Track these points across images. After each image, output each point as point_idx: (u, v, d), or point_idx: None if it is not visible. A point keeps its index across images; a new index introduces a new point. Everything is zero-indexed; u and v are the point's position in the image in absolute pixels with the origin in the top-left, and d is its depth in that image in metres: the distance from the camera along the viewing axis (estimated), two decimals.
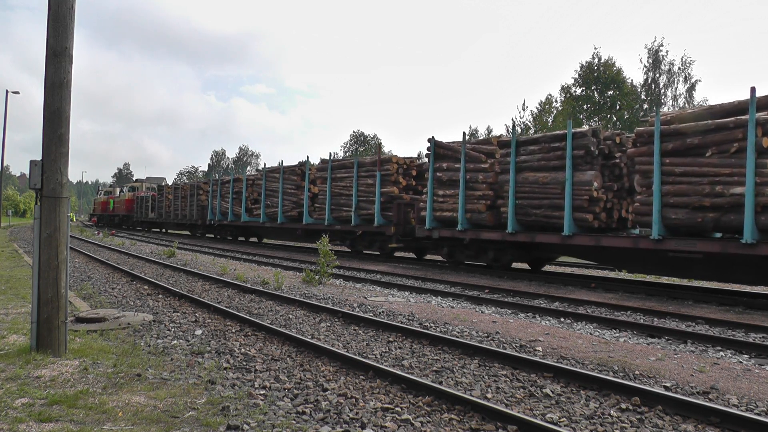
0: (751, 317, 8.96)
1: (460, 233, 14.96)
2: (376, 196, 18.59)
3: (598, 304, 10.00)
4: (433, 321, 8.27)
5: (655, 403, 4.61)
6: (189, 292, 10.64)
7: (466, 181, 15.00)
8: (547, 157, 13.38)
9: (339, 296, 10.59)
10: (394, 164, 18.62)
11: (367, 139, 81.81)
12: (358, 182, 19.58)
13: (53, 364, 5.40)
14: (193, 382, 5.06)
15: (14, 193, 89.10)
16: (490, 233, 14.44)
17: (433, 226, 15.81)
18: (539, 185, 13.40)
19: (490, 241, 14.66)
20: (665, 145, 10.93)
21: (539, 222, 13.52)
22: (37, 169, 5.72)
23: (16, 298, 9.38)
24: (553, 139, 13.46)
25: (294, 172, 23.60)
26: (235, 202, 28.29)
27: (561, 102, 47.52)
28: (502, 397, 4.87)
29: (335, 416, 4.32)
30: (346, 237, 20.78)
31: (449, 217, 15.43)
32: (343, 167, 20.64)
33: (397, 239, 17.88)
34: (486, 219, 14.64)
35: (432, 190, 15.97)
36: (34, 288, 5.69)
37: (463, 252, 15.72)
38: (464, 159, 15.03)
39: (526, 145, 13.94)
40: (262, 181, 25.51)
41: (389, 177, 18.62)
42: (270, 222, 25.02)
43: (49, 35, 5.74)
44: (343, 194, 20.29)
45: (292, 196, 23.50)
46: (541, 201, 13.39)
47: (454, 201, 15.31)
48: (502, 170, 14.36)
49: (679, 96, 45.45)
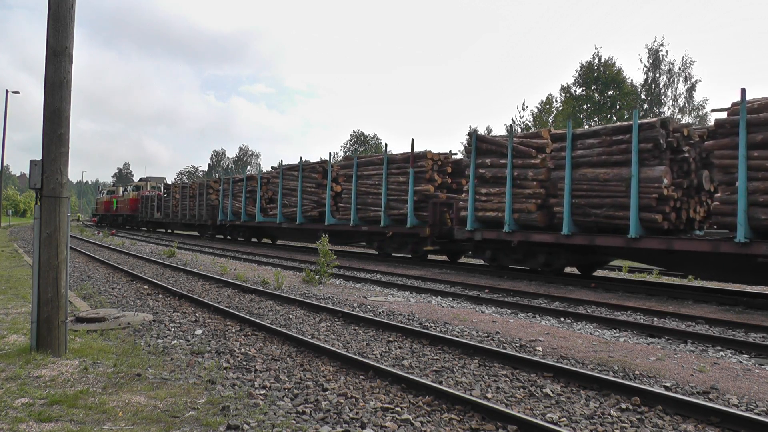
0: (751, 317, 8.96)
1: (507, 235, 13.78)
2: (409, 195, 17.26)
3: (598, 304, 9.99)
4: (433, 321, 8.27)
5: (655, 403, 4.61)
6: (189, 292, 10.64)
7: (513, 179, 13.82)
8: (608, 151, 12.16)
9: (339, 296, 10.59)
10: (428, 160, 17.30)
11: (367, 139, 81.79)
12: (387, 180, 18.24)
13: (53, 363, 5.40)
14: (193, 382, 5.06)
15: (14, 193, 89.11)
16: (541, 235, 13.19)
17: (476, 227, 14.66)
18: (599, 182, 12.18)
19: (541, 244, 13.45)
20: (753, 137, 9.77)
21: (599, 223, 12.40)
22: (37, 169, 5.72)
23: (16, 297, 9.38)
24: (615, 131, 12.22)
25: (315, 170, 22.26)
26: (249, 201, 26.97)
27: (561, 102, 47.51)
28: (502, 397, 4.87)
29: (335, 416, 4.32)
30: (373, 239, 19.64)
31: (493, 218, 14.30)
32: (371, 164, 19.33)
33: (432, 241, 16.73)
34: (536, 220, 13.43)
35: (474, 189, 14.78)
36: (34, 288, 5.69)
37: (509, 256, 14.54)
38: (511, 154, 13.84)
39: (583, 138, 12.75)
40: (279, 180, 24.13)
41: (423, 174, 17.30)
42: (288, 223, 23.67)
43: (49, 35, 5.74)
44: (371, 193, 19.02)
45: (312, 195, 22.19)
46: (601, 200, 12.19)
47: (500, 200, 14.15)
48: (556, 166, 13.19)
49: (679, 96, 45.47)
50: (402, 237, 18.23)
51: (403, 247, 18.44)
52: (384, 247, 19.24)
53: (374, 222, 18.92)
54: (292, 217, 23.23)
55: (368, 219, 19.16)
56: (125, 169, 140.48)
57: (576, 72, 46.07)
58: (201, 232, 34.50)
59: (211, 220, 30.96)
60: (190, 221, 34.10)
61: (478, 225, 14.73)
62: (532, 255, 14.04)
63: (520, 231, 13.76)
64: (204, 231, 33.79)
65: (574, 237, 12.57)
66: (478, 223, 14.73)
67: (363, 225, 19.27)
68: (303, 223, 22.50)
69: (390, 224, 18.18)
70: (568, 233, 12.58)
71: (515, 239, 13.72)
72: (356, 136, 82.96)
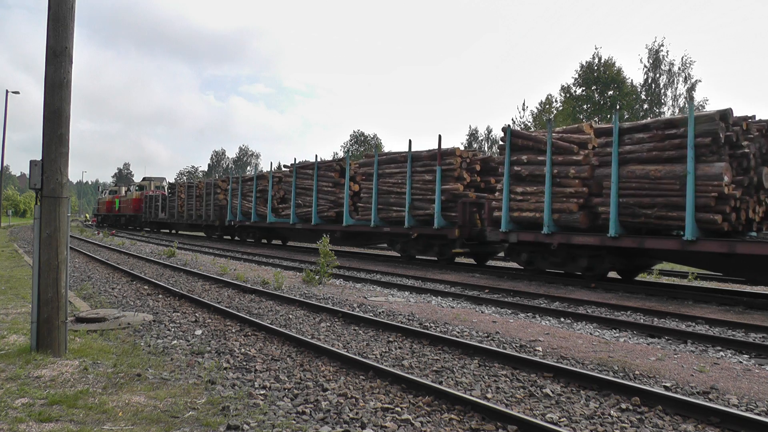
0: (751, 317, 8.96)
1: (546, 237, 12.82)
2: (436, 194, 16.22)
3: (598, 304, 9.99)
4: (433, 321, 8.27)
5: (655, 403, 4.61)
6: (189, 292, 10.64)
7: (552, 176, 12.83)
8: (660, 147, 11.22)
9: (339, 296, 10.59)
10: (457, 157, 16.26)
11: (367, 139, 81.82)
12: (412, 178, 17.19)
13: (53, 364, 5.40)
14: (193, 382, 5.06)
15: (14, 193, 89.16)
16: (584, 237, 12.24)
17: (510, 228, 13.73)
18: (649, 180, 11.24)
19: (583, 246, 12.52)
20: None
21: (648, 224, 11.48)
22: (37, 169, 5.73)
23: (16, 298, 9.38)
24: (668, 124, 11.26)
25: (331, 168, 21.21)
26: (260, 201, 25.89)
27: (561, 102, 47.54)
28: (502, 397, 4.87)
29: (335, 416, 4.32)
30: (395, 240, 18.48)
31: (530, 218, 13.38)
32: (393, 161, 18.19)
33: (461, 243, 15.83)
34: (578, 220, 12.50)
35: (508, 187, 13.82)
36: (34, 288, 5.69)
37: (547, 259, 13.57)
38: (550, 150, 12.85)
39: (631, 132, 11.81)
40: (292, 179, 22.99)
41: (452, 172, 16.26)
42: (302, 223, 22.50)
43: (49, 35, 5.74)
44: (393, 192, 17.97)
45: (328, 195, 21.10)
46: (652, 199, 11.23)
47: (537, 199, 13.22)
48: (601, 163, 12.24)
49: (679, 96, 45.49)
50: (428, 239, 17.20)
51: (428, 249, 17.37)
52: (407, 249, 18.14)
53: (397, 223, 17.93)
54: (307, 218, 22.18)
55: (390, 220, 18.20)
56: (125, 169, 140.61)
57: (576, 72, 46.12)
58: (208, 233, 33.50)
59: (219, 221, 30.11)
60: (197, 222, 33.20)
61: (513, 226, 13.82)
62: (572, 258, 13.09)
63: (560, 233, 12.80)
64: (211, 232, 32.84)
65: (621, 239, 11.61)
66: (513, 224, 13.82)
67: (385, 226, 18.28)
68: (319, 224, 21.39)
69: (415, 225, 17.17)
70: (615, 235, 11.62)
71: (555, 241, 12.75)
72: (356, 136, 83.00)
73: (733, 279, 14.29)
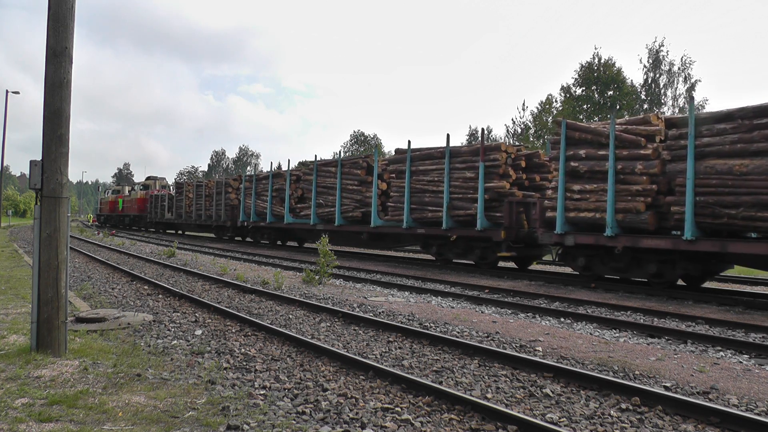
0: (751, 317, 8.96)
1: (609, 240, 11.62)
2: (479, 193, 14.93)
3: (598, 304, 9.99)
4: (433, 321, 8.27)
5: (655, 403, 4.61)
6: (189, 292, 10.64)
7: (616, 172, 11.68)
8: (746, 138, 9.96)
9: (339, 296, 10.60)
10: (502, 153, 15.09)
11: (367, 139, 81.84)
12: (450, 176, 15.89)
13: (53, 364, 5.40)
14: (193, 382, 5.06)
15: (14, 193, 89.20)
16: (654, 240, 11.06)
17: (566, 230, 12.57)
18: (734, 176, 10.02)
19: (652, 250, 11.35)
20: None
21: (732, 225, 10.25)
22: (37, 169, 5.73)
23: (16, 298, 9.38)
24: (757, 112, 9.87)
25: (357, 165, 19.82)
26: (275, 200, 24.69)
27: (561, 102, 47.54)
28: (502, 397, 4.87)
29: (335, 416, 4.32)
30: (430, 243, 17.13)
31: (589, 219, 12.22)
32: (429, 158, 16.82)
33: (507, 246, 14.59)
34: (646, 221, 11.27)
35: (564, 185, 12.63)
36: (34, 288, 5.69)
37: (608, 264, 12.39)
38: (614, 143, 11.70)
39: (710, 122, 10.52)
40: (313, 177, 21.64)
41: (496, 169, 15.03)
42: (324, 224, 21.09)
43: (49, 35, 5.74)
44: (428, 191, 16.67)
45: (354, 194, 19.75)
46: (737, 197, 9.97)
47: (598, 198, 12.05)
48: (674, 157, 10.95)
49: (679, 96, 45.50)
50: (468, 241, 15.84)
51: (468, 252, 16.03)
52: (444, 252, 16.81)
53: (433, 224, 16.60)
54: (329, 218, 20.83)
55: (425, 220, 16.88)
56: (125, 169, 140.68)
57: (576, 72, 46.12)
58: (218, 234, 32.15)
59: (231, 221, 28.80)
60: (206, 222, 31.91)
61: (569, 228, 12.67)
62: (638, 263, 11.88)
63: (625, 235, 11.62)
64: (222, 233, 31.51)
65: (698, 242, 10.37)
66: (569, 226, 12.67)
67: (418, 227, 16.93)
68: (342, 225, 20.00)
69: (453, 226, 15.80)
70: (692, 238, 10.35)
71: (619, 245, 11.53)
72: (356, 136, 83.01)
73: (733, 279, 14.29)
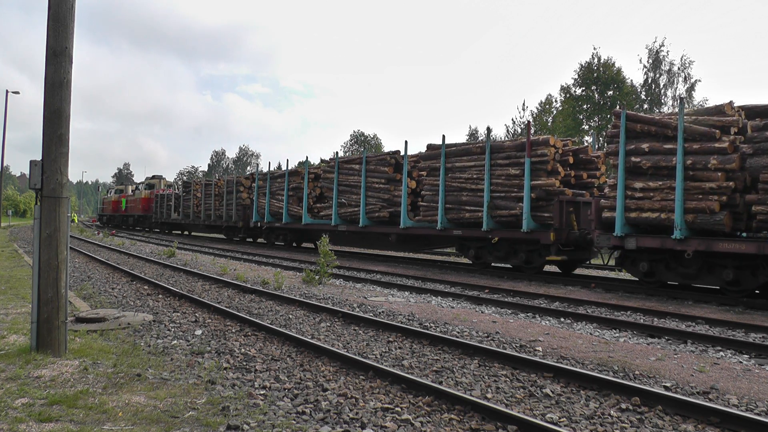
0: (751, 317, 8.96)
1: (678, 243, 10.54)
2: (525, 191, 13.78)
3: (598, 304, 9.99)
4: (433, 321, 8.27)
5: (655, 403, 4.61)
6: (189, 292, 10.64)
7: (685, 168, 10.60)
8: None
9: (339, 296, 10.60)
10: (551, 148, 13.81)
11: (367, 139, 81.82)
12: (491, 173, 14.70)
13: (53, 364, 5.40)
14: (193, 382, 5.06)
15: (14, 193, 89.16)
16: (735, 244, 9.97)
17: (626, 232, 11.46)
18: None
19: (729, 255, 10.31)
20: None
21: None
22: (37, 169, 5.73)
23: (16, 298, 9.38)
24: None
25: (384, 162, 18.47)
26: (292, 200, 23.40)
27: (561, 102, 47.51)
28: (502, 397, 4.87)
29: (335, 416, 4.32)
30: (468, 245, 15.90)
31: (653, 220, 11.09)
32: (466, 153, 15.54)
33: (557, 249, 13.57)
34: (722, 222, 10.22)
35: (624, 182, 11.49)
36: (34, 288, 5.69)
37: (675, 270, 11.23)
38: (682, 137, 10.60)
39: None
40: (334, 175, 20.29)
41: (544, 165, 13.81)
42: (346, 225, 19.88)
43: (49, 35, 5.74)
44: (466, 189, 15.42)
45: (380, 193, 18.48)
46: None
47: (664, 197, 10.93)
48: (755, 151, 9.92)
49: (679, 96, 45.47)
50: (512, 243, 14.70)
51: (511, 256, 14.87)
52: (483, 256, 15.58)
53: (471, 225, 15.41)
54: (353, 219, 19.55)
55: (461, 221, 15.65)
56: (125, 169, 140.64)
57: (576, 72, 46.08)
58: (229, 234, 30.74)
59: (243, 222, 27.61)
60: (216, 223, 30.58)
61: (630, 229, 11.57)
62: (711, 269, 10.80)
63: (696, 238, 10.55)
64: (233, 234, 30.17)
65: None
66: (629, 227, 11.57)
67: (454, 228, 15.75)
68: (368, 226, 18.78)
69: (494, 228, 14.64)
70: None
71: (690, 248, 10.45)
72: (356, 136, 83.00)
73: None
